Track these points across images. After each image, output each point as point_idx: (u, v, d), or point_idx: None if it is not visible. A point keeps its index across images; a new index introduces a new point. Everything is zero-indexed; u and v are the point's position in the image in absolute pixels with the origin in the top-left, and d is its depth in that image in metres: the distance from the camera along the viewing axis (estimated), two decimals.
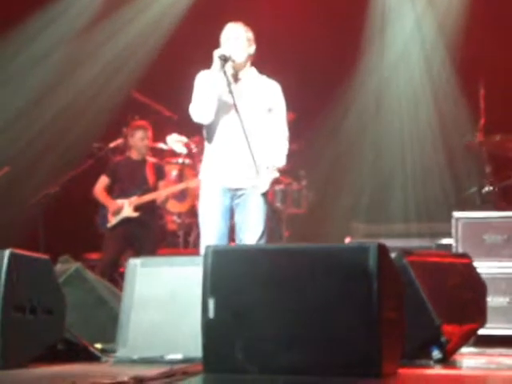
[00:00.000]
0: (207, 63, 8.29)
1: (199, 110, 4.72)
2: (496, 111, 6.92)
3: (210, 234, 4.86)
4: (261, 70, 4.99)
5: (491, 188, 6.64)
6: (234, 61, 4.73)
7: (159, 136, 7.80)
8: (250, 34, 4.86)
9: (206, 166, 4.93)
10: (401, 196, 8.25)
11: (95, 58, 8.30)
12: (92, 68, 8.29)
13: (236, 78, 4.82)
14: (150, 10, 8.42)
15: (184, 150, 8.10)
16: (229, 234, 4.92)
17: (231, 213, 4.89)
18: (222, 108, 4.73)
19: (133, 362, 4.37)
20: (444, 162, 8.18)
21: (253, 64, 4.98)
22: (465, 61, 7.86)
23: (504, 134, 6.77)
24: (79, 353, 4.53)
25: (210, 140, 4.88)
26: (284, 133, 4.91)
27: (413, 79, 8.45)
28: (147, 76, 8.24)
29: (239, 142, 4.69)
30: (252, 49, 4.86)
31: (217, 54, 4.70)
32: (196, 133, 8.05)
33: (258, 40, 4.99)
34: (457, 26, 8.06)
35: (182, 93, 8.26)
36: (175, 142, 8.20)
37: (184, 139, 8.19)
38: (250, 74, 4.88)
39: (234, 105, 4.60)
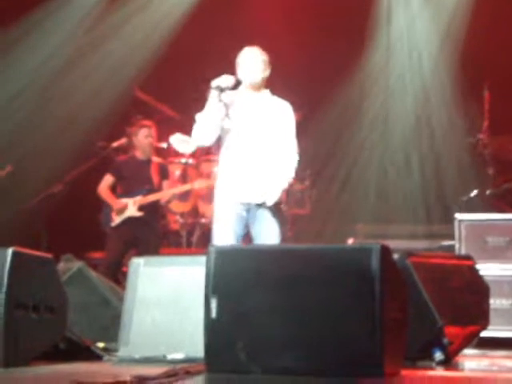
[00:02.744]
0: (210, 63, 8.30)
1: (197, 135, 5.05)
2: (500, 113, 6.91)
3: (223, 241, 5.02)
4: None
5: (494, 190, 6.64)
6: (246, 83, 4.99)
7: (162, 136, 7.80)
8: (266, 58, 5.10)
9: (220, 182, 5.17)
10: (404, 197, 8.25)
11: (98, 56, 8.30)
12: (95, 67, 8.30)
13: (249, 99, 5.06)
14: (155, 9, 8.43)
15: (187, 150, 8.10)
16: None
17: (244, 226, 5.08)
18: (226, 132, 5.01)
19: (135, 361, 4.37)
20: (447, 164, 8.18)
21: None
22: (469, 63, 7.85)
23: (508, 135, 6.77)
24: (81, 352, 4.54)
25: (222, 158, 5.14)
26: (293, 149, 5.12)
27: (417, 82, 8.45)
28: (151, 75, 8.24)
29: (251, 159, 4.98)
30: (267, 72, 5.11)
31: (213, 84, 4.95)
32: None
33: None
34: (462, 28, 8.06)
35: (185, 92, 8.33)
36: (178, 141, 8.20)
37: (187, 139, 8.19)
38: (264, 95, 5.13)
39: (235, 129, 4.91)
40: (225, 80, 4.94)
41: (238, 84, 5.03)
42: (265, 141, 5.02)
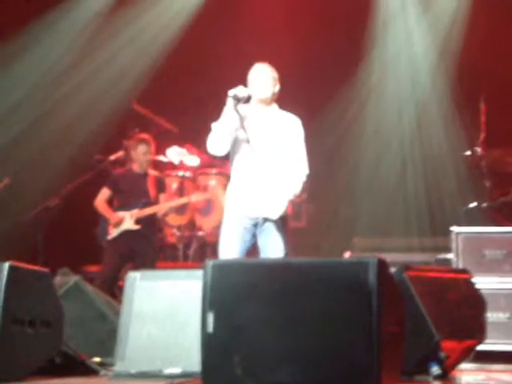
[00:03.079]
0: (209, 76, 8.30)
1: (212, 144, 5.06)
2: (496, 125, 6.93)
3: (228, 257, 5.03)
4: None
5: (491, 203, 6.65)
6: (256, 98, 5.03)
7: (159, 149, 7.81)
8: (276, 75, 5.18)
9: (229, 195, 5.20)
10: (401, 210, 8.25)
11: (96, 69, 8.32)
12: (92, 80, 8.31)
13: (260, 114, 5.12)
14: (152, 22, 8.45)
15: (185, 162, 8.11)
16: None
17: (250, 239, 5.11)
18: (239, 143, 5.05)
19: (131, 376, 4.36)
20: (444, 177, 8.18)
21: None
22: (466, 75, 7.88)
23: (504, 148, 6.78)
24: (77, 366, 4.52)
25: (233, 171, 5.18)
26: (303, 163, 5.15)
27: (414, 94, 8.47)
28: (148, 88, 8.25)
29: (260, 173, 5.00)
30: (276, 88, 5.18)
31: (230, 93, 4.97)
32: (196, 145, 8.09)
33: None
34: (458, 41, 8.09)
35: (183, 105, 8.34)
36: (176, 154, 8.21)
37: (184, 152, 8.20)
38: (273, 110, 5.19)
39: (249, 140, 4.94)
40: (241, 90, 4.99)
41: (248, 99, 5.08)
42: (275, 155, 5.06)
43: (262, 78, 5.09)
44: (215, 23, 8.40)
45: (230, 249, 5.03)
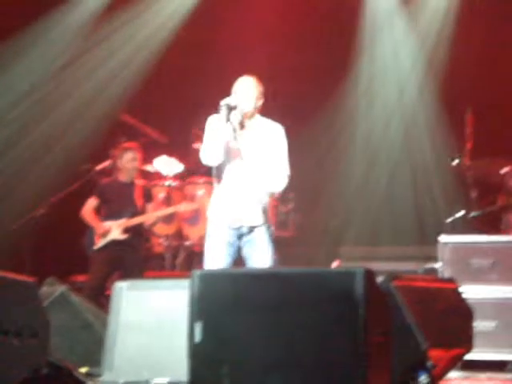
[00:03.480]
0: (197, 86, 8.31)
1: (207, 153, 5.08)
2: (483, 136, 6.97)
3: (213, 267, 5.05)
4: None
5: (478, 212, 6.68)
6: (241, 110, 5.07)
7: (147, 158, 7.80)
8: (260, 89, 5.21)
9: (213, 206, 5.22)
10: (388, 220, 8.27)
11: (83, 79, 8.31)
12: (80, 89, 8.30)
13: (243, 126, 5.14)
14: (140, 30, 8.46)
15: (171, 172, 8.10)
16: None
17: (236, 250, 5.14)
18: (229, 153, 5.08)
19: None
20: (431, 186, 8.22)
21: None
22: (452, 85, 7.93)
23: (490, 158, 6.82)
24: (64, 377, 4.49)
25: (218, 181, 5.19)
26: (284, 171, 5.16)
27: (401, 104, 8.51)
28: (136, 97, 8.25)
29: (244, 184, 5.05)
30: (260, 102, 5.22)
31: (223, 103, 5.00)
32: (185, 156, 8.09)
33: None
34: (444, 51, 8.14)
35: (171, 115, 8.34)
36: (163, 164, 8.20)
37: (172, 161, 8.19)
38: (256, 121, 5.22)
39: (239, 150, 4.98)
40: (232, 99, 5.04)
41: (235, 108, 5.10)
42: (257, 166, 5.09)
43: (247, 91, 5.11)
44: (200, 33, 8.42)
45: (215, 264, 5.05)
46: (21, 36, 8.04)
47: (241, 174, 5.05)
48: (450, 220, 6.93)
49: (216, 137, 5.01)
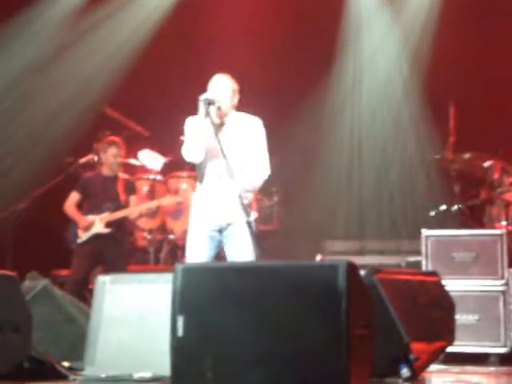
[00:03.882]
0: (180, 79, 8.28)
1: (189, 151, 5.06)
2: (465, 130, 6.99)
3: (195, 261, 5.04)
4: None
5: (460, 206, 6.71)
6: (219, 106, 5.04)
7: (131, 152, 7.77)
8: (236, 86, 5.18)
9: (195, 202, 5.22)
10: (372, 214, 8.29)
11: (67, 72, 8.26)
12: (63, 82, 8.25)
13: (221, 124, 5.13)
14: (123, 24, 8.42)
15: (156, 166, 8.08)
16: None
17: (217, 245, 5.14)
18: (210, 150, 5.06)
19: (101, 380, 4.33)
20: (414, 180, 8.24)
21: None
22: (435, 80, 7.95)
23: (473, 152, 6.85)
24: (46, 371, 4.48)
25: (199, 179, 5.21)
26: (264, 164, 5.15)
27: (385, 97, 8.53)
28: (119, 91, 8.22)
29: (224, 181, 5.01)
30: (236, 99, 5.19)
31: (202, 98, 4.98)
32: (169, 149, 8.06)
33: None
34: (428, 46, 8.16)
35: (153, 108, 8.31)
36: (147, 157, 8.17)
37: (156, 155, 8.17)
38: (233, 118, 5.19)
39: (220, 148, 4.94)
40: (211, 94, 5.02)
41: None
42: (238, 162, 5.08)
43: (221, 89, 5.09)
44: (183, 26, 8.39)
45: (197, 259, 5.05)
46: (3, 28, 7.98)
47: (221, 171, 5.04)
48: (433, 213, 6.96)
49: (196, 133, 5.00)
